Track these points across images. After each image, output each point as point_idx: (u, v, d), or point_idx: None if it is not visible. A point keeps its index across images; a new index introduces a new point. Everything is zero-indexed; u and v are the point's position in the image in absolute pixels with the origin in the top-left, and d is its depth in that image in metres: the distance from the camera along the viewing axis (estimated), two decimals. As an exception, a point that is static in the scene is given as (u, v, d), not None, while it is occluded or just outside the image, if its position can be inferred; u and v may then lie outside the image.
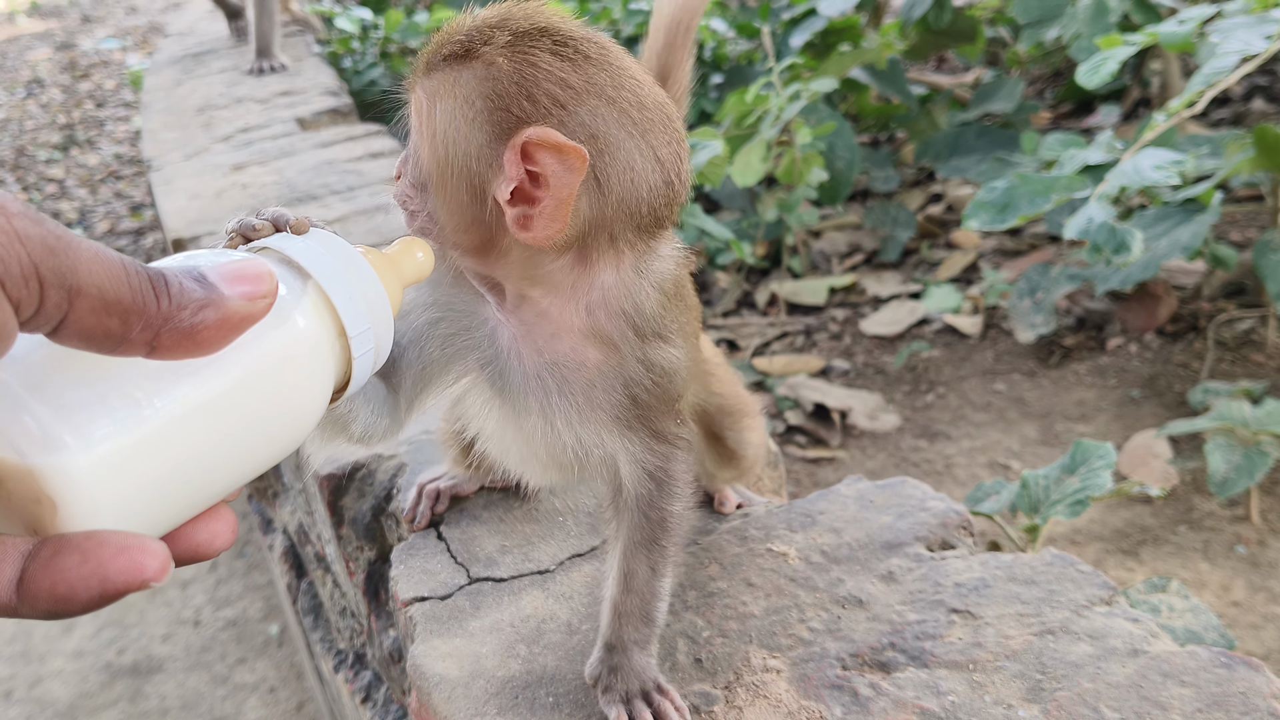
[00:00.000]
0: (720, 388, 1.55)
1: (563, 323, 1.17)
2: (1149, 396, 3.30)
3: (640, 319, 1.18)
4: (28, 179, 8.40)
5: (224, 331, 0.76)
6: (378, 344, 0.95)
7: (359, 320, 0.92)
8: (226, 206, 3.12)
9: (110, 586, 0.71)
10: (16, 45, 12.85)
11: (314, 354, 0.88)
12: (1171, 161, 2.46)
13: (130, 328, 0.71)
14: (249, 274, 0.78)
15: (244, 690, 3.66)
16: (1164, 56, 4.32)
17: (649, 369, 1.21)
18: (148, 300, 0.72)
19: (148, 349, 0.73)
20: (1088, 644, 1.35)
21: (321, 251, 0.93)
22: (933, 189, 4.83)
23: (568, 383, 1.19)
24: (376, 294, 0.95)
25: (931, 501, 1.67)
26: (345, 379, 0.94)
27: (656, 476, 1.29)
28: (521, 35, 1.07)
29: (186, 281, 0.75)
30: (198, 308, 0.74)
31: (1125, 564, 2.70)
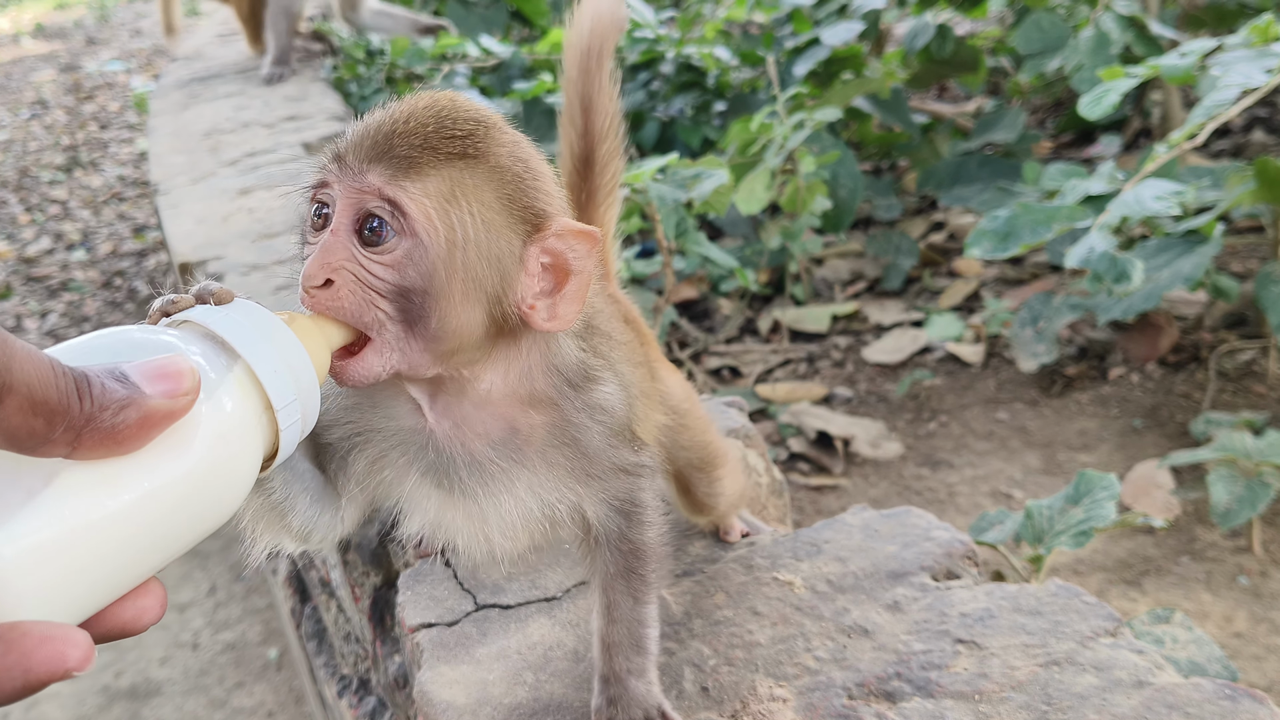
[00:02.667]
0: (688, 440, 1.54)
1: (505, 398, 1.16)
2: (1151, 426, 3.30)
3: (567, 370, 1.18)
4: (31, 200, 8.43)
5: (145, 430, 0.78)
6: (304, 414, 0.95)
7: (285, 393, 0.92)
8: (233, 231, 3.13)
9: (33, 677, 0.72)
10: (21, 66, 12.90)
11: (241, 433, 0.88)
12: (1173, 192, 2.47)
13: (54, 428, 0.72)
14: (170, 371, 0.80)
15: (242, 714, 3.65)
16: (1165, 88, 4.35)
17: (591, 414, 1.20)
18: (71, 401, 0.73)
19: (69, 449, 0.74)
20: (1093, 675, 1.35)
21: (244, 324, 0.92)
22: (934, 217, 4.85)
23: (521, 451, 1.18)
24: (301, 362, 0.94)
25: (936, 531, 1.67)
26: (273, 449, 0.94)
27: (623, 510, 1.28)
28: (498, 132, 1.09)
29: (109, 382, 0.76)
30: (119, 408, 0.76)
31: (1128, 594, 2.70)
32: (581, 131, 1.51)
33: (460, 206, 1.03)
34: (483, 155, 1.06)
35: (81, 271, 7.11)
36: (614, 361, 1.25)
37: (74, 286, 6.90)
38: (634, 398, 1.28)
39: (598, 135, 1.50)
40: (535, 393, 1.16)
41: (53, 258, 7.39)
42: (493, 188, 1.06)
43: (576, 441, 1.20)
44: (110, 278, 6.96)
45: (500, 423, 1.16)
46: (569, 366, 1.18)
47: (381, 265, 1.03)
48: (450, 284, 1.04)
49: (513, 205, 1.07)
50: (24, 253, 7.49)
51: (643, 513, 1.30)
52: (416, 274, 1.03)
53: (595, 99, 1.48)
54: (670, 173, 2.59)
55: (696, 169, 2.57)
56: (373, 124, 1.07)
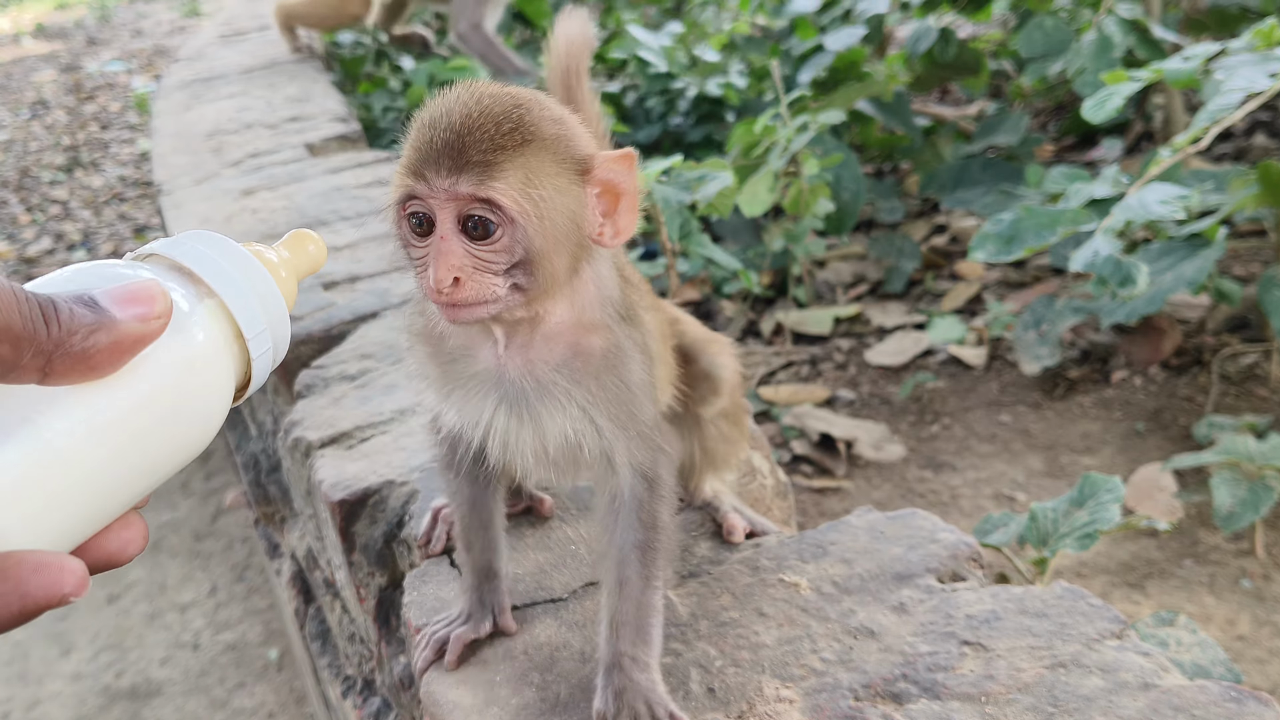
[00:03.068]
0: (687, 329, 1.72)
1: (566, 327, 1.35)
2: (1154, 430, 3.31)
3: (615, 303, 1.38)
4: (31, 200, 8.43)
5: (118, 354, 0.78)
6: (275, 342, 0.95)
7: (255, 322, 0.92)
8: (237, 231, 3.14)
9: (30, 602, 0.73)
10: (22, 66, 12.90)
11: (213, 361, 0.89)
12: (1177, 196, 2.48)
13: (21, 354, 0.72)
14: (142, 294, 0.80)
15: (243, 715, 3.65)
16: (1167, 91, 4.35)
17: (634, 345, 1.39)
18: (38, 326, 0.73)
19: (40, 375, 0.74)
20: (1099, 677, 1.35)
21: (211, 254, 0.92)
22: (937, 220, 4.86)
23: (579, 372, 1.36)
24: (269, 292, 0.95)
25: (942, 533, 1.67)
26: (246, 378, 0.94)
27: (648, 477, 1.41)
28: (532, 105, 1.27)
29: (77, 307, 0.76)
30: (89, 331, 0.76)
31: (1131, 597, 2.70)
32: None
33: (536, 185, 1.22)
34: (534, 135, 1.23)
35: (82, 272, 7.10)
36: (640, 310, 1.45)
37: (75, 287, 6.90)
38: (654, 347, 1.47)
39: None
40: (594, 320, 1.36)
41: (53, 258, 7.39)
42: (550, 157, 1.24)
43: (622, 367, 1.38)
44: (111, 278, 6.96)
45: (564, 347, 1.35)
46: (615, 300, 1.39)
47: (492, 253, 1.22)
48: (545, 245, 1.23)
49: (567, 163, 1.26)
50: (25, 253, 7.49)
51: (662, 487, 1.44)
52: (521, 249, 1.23)
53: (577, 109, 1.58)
54: (674, 175, 2.59)
55: (701, 171, 2.58)
56: (437, 139, 1.22)
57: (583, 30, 1.67)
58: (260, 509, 2.92)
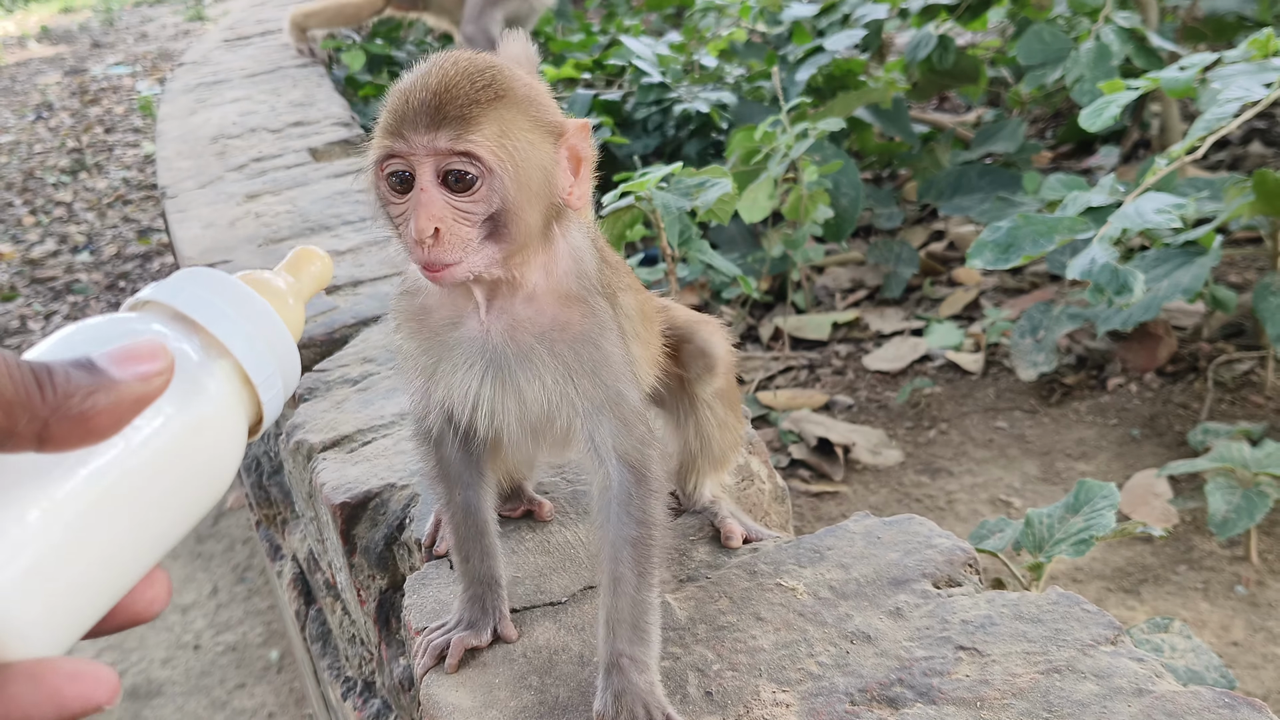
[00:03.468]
0: (677, 313, 1.73)
1: (547, 295, 1.39)
2: (1149, 436, 3.32)
3: (593, 278, 1.42)
4: (36, 202, 8.45)
5: (118, 415, 0.74)
6: (284, 379, 0.91)
7: (263, 365, 0.88)
8: (240, 235, 3.15)
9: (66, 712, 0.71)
10: (27, 69, 12.93)
11: (223, 411, 0.85)
12: (1173, 205, 2.50)
13: (15, 420, 0.69)
14: (141, 352, 0.76)
15: (243, 715, 3.67)
16: (1163, 100, 4.38)
17: (613, 316, 1.42)
18: (31, 392, 0.70)
19: (38, 441, 0.71)
20: (1093, 683, 1.37)
21: (211, 298, 0.87)
22: (935, 226, 4.88)
23: (557, 344, 1.39)
24: (275, 330, 0.90)
25: (938, 539, 1.69)
26: (258, 417, 0.91)
27: (635, 467, 1.42)
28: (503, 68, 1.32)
29: (73, 371, 0.73)
30: (86, 394, 0.72)
31: (1126, 603, 2.72)
32: None
33: (511, 137, 1.27)
34: (507, 93, 1.28)
35: (86, 274, 7.13)
36: (619, 290, 1.48)
37: (79, 289, 6.92)
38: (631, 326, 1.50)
39: None
40: (570, 291, 1.40)
41: (57, 260, 7.41)
42: (524, 115, 1.29)
43: (599, 339, 1.41)
44: (115, 280, 6.98)
45: (544, 316, 1.39)
46: (592, 274, 1.42)
47: (471, 203, 1.26)
48: (520, 197, 1.28)
49: (539, 123, 1.31)
50: (29, 255, 7.51)
51: (651, 480, 1.44)
52: (499, 199, 1.27)
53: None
54: (674, 181, 2.61)
55: (701, 177, 2.59)
56: (414, 98, 1.26)
57: (525, 51, 1.67)
58: (262, 511, 2.94)
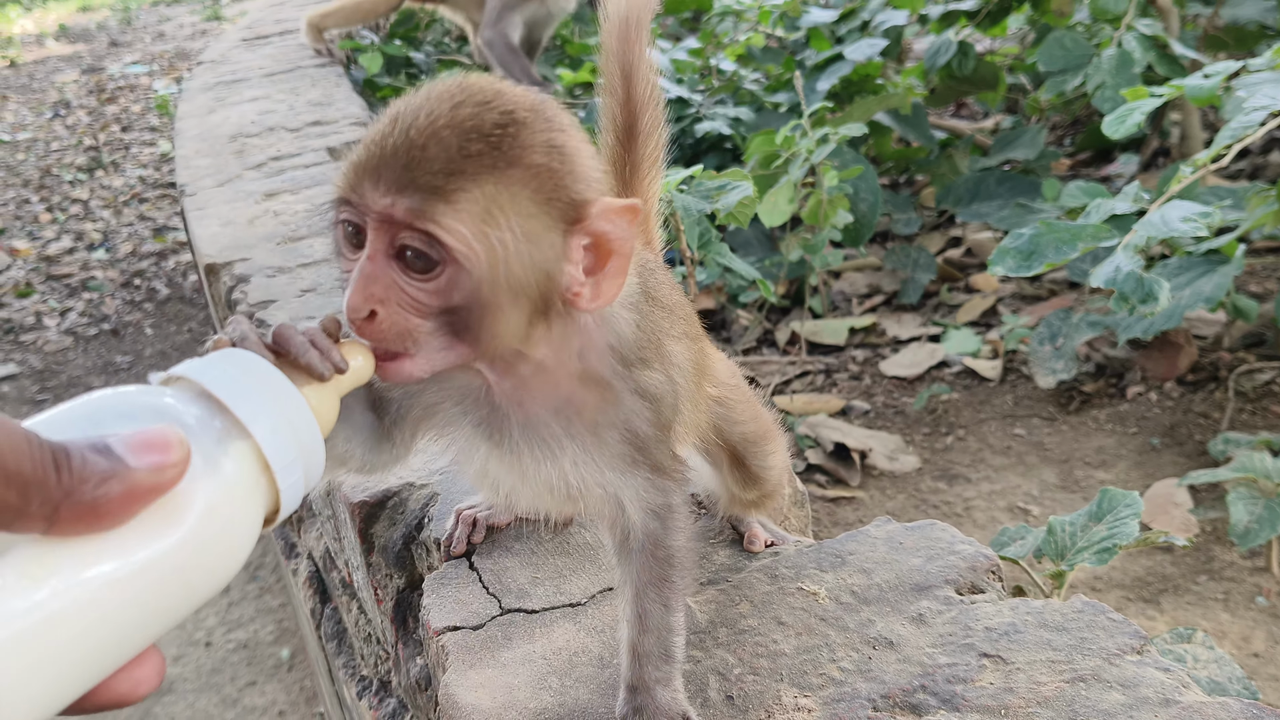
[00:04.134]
0: (740, 415, 1.56)
1: (560, 372, 1.15)
2: (1169, 445, 3.30)
3: (624, 348, 1.18)
4: (53, 199, 8.49)
5: (129, 504, 0.74)
6: (307, 471, 0.90)
7: (284, 453, 0.87)
8: (259, 233, 3.15)
9: None
10: (45, 67, 13.00)
11: (237, 501, 0.84)
12: (1199, 214, 2.48)
13: (29, 501, 0.69)
14: (157, 442, 0.76)
15: (254, 713, 3.67)
16: (1184, 108, 4.36)
17: (643, 397, 1.20)
18: (48, 473, 0.70)
19: (46, 524, 0.71)
20: (1119, 692, 1.35)
21: (240, 379, 0.87)
22: (952, 233, 4.86)
23: (572, 424, 1.19)
24: (302, 418, 0.89)
25: (960, 545, 1.67)
26: (275, 507, 0.89)
27: (660, 514, 1.30)
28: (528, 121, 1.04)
29: (89, 454, 0.73)
30: (100, 480, 0.72)
31: (1146, 613, 2.70)
32: (623, 101, 1.46)
33: (498, 224, 1.00)
34: (514, 160, 1.01)
35: (102, 271, 7.15)
36: (666, 339, 1.26)
37: (94, 286, 6.95)
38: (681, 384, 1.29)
39: (640, 103, 1.47)
40: (588, 370, 1.16)
41: (73, 257, 7.44)
42: (529, 192, 1.02)
43: (627, 424, 1.20)
44: (130, 278, 7.01)
45: (556, 392, 1.17)
46: (625, 341, 1.18)
47: (424, 291, 1.01)
48: (495, 297, 1.02)
49: (551, 203, 1.03)
50: (45, 251, 7.54)
51: (675, 518, 1.31)
52: (460, 295, 1.01)
53: (636, 66, 1.44)
54: (695, 184, 2.60)
55: (721, 180, 2.59)
56: (389, 141, 1.01)
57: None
58: (277, 510, 2.93)
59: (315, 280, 2.76)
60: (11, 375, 5.80)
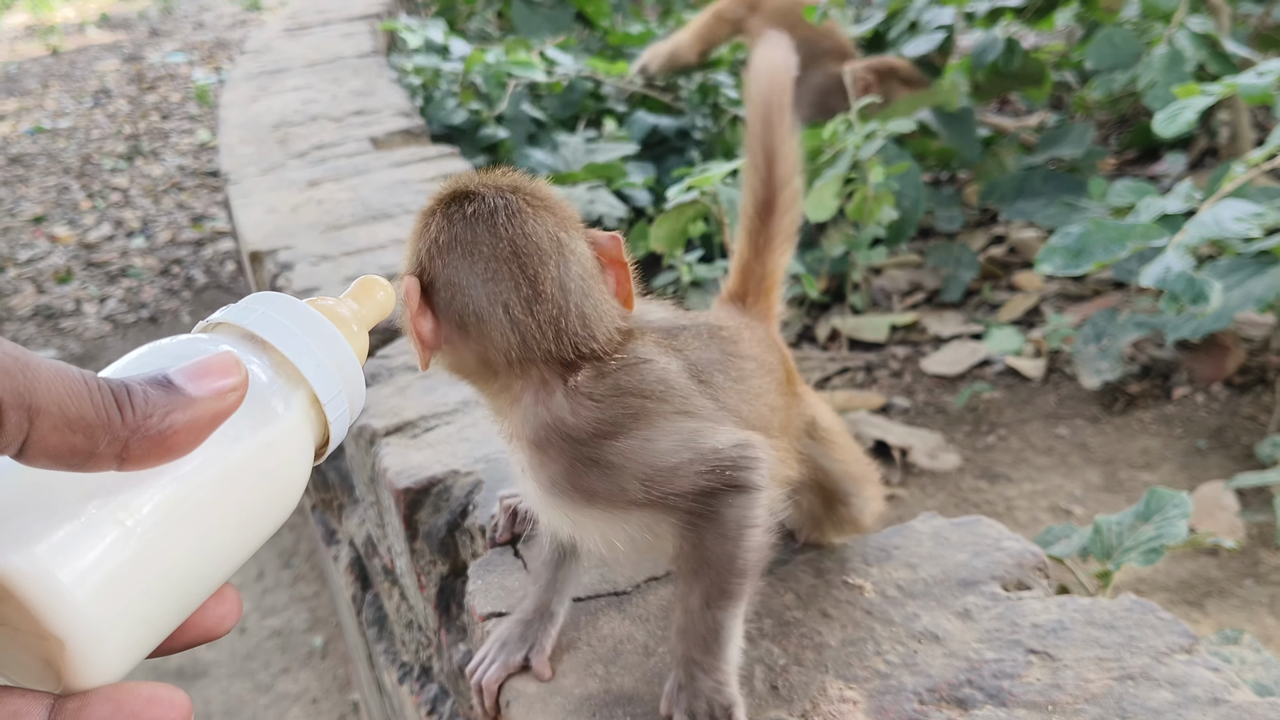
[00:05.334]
0: (841, 455, 1.59)
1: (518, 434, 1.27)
2: (1215, 448, 3.27)
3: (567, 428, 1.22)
4: (93, 186, 8.57)
5: (196, 432, 0.75)
6: (350, 402, 0.93)
7: (330, 385, 0.90)
8: (303, 221, 3.17)
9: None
10: (85, 55, 13.13)
11: (292, 431, 0.86)
12: (1252, 214, 2.45)
13: (97, 442, 0.70)
14: (215, 367, 0.77)
15: (287, 700, 3.69)
16: (1234, 106, 4.30)
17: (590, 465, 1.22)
18: (111, 414, 0.71)
19: (118, 461, 0.72)
20: (1168, 691, 1.34)
21: (281, 320, 0.89)
22: (995, 230, 4.82)
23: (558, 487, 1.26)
24: (342, 351, 0.92)
25: (1007, 541, 1.67)
26: (324, 439, 0.92)
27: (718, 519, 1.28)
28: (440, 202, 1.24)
29: (151, 389, 0.74)
30: (165, 413, 0.73)
31: (1190, 615, 2.67)
32: (765, 179, 1.56)
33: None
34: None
35: (140, 258, 7.22)
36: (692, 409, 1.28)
37: (133, 273, 7.01)
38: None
39: (780, 182, 1.56)
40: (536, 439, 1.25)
41: (113, 244, 7.51)
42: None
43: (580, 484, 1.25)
44: (168, 265, 7.06)
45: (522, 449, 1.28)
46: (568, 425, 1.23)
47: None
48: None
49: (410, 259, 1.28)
50: (85, 238, 7.62)
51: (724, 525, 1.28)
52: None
53: (778, 148, 1.53)
54: (740, 177, 2.59)
55: (767, 173, 2.57)
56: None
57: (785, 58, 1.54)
58: (318, 495, 2.95)
59: (359, 268, 2.78)
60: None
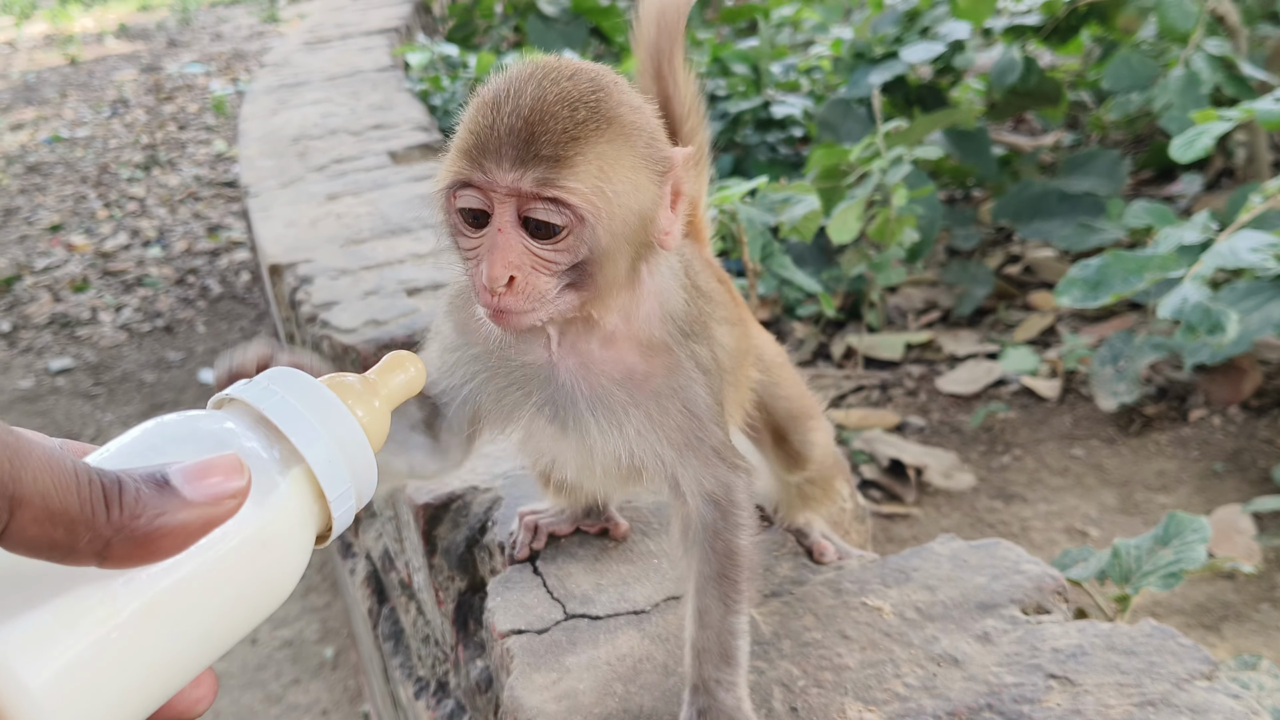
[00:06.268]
0: (784, 390, 1.60)
1: (627, 340, 1.24)
2: (1232, 471, 3.26)
3: (679, 319, 1.27)
4: (110, 196, 8.61)
5: (184, 538, 0.73)
6: (359, 495, 0.90)
7: (338, 481, 0.86)
8: (322, 235, 3.18)
9: None
10: (104, 65, 13.21)
11: (291, 529, 0.84)
12: (1268, 245, 2.44)
13: (78, 538, 0.69)
14: (219, 469, 0.75)
15: (297, 710, 3.69)
16: (1251, 128, 4.30)
17: (699, 367, 1.27)
18: (97, 510, 0.69)
19: (98, 559, 0.70)
20: (1188, 717, 1.34)
21: (294, 404, 0.86)
22: (1011, 249, 4.82)
23: (637, 394, 1.25)
24: (356, 443, 0.89)
25: (1026, 565, 1.66)
26: (326, 528, 0.89)
27: (720, 503, 1.32)
28: (611, 88, 1.15)
29: (144, 488, 0.72)
30: (155, 515, 0.72)
31: (1206, 639, 2.66)
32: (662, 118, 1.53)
33: (610, 179, 1.10)
34: (614, 121, 1.12)
35: (156, 268, 7.25)
36: (710, 321, 1.33)
37: (149, 282, 7.04)
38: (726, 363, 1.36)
39: (678, 120, 1.54)
40: (653, 338, 1.24)
41: (129, 253, 7.55)
42: (629, 149, 1.13)
43: (684, 392, 1.26)
44: (184, 275, 7.09)
45: (622, 363, 1.24)
46: (680, 315, 1.27)
47: (554, 251, 1.11)
48: (612, 246, 1.13)
49: (646, 158, 1.15)
50: (101, 247, 7.66)
51: (737, 512, 1.33)
52: (586, 248, 1.11)
53: (672, 94, 1.52)
54: (759, 196, 2.60)
55: (786, 193, 2.58)
56: (500, 123, 1.09)
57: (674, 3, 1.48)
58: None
59: (378, 283, 2.79)
60: (67, 369, 5.88)
